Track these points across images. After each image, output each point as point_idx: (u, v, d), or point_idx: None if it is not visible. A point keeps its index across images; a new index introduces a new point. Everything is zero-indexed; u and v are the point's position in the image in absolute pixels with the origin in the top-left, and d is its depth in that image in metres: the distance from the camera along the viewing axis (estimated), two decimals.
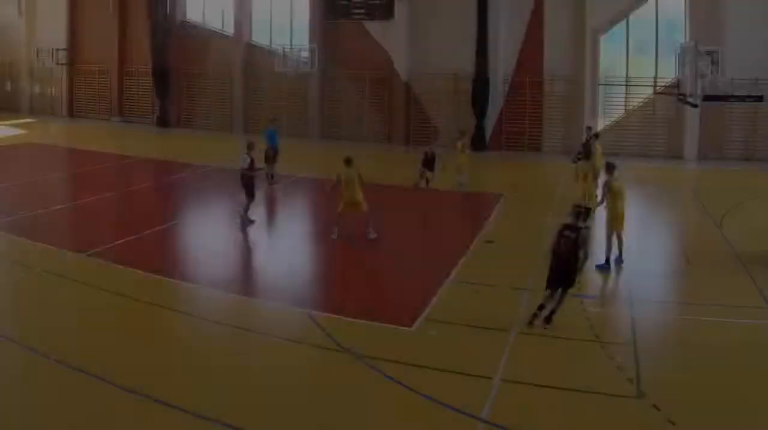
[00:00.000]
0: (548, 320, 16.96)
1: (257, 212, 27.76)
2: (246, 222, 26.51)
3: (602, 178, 24.06)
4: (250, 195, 26.55)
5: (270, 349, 16.06)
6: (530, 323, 16.99)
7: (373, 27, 52.73)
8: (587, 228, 18.36)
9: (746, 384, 14.23)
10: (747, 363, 15.21)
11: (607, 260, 21.75)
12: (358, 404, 13.39)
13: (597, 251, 22.09)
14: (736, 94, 26.05)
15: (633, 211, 25.62)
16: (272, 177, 34.61)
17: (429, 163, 33.22)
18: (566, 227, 17.36)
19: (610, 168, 22.81)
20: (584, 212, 17.82)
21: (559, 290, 17.04)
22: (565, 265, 16.95)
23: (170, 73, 59.89)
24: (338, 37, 53.99)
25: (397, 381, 13.95)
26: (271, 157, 34.64)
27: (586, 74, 47.45)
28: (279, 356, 15.70)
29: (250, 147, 26.86)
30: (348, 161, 24.89)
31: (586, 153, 26.28)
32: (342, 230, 24.57)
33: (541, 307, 17.12)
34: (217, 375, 14.39)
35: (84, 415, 12.66)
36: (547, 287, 17.17)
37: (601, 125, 46.80)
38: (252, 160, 26.53)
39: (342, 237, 24.42)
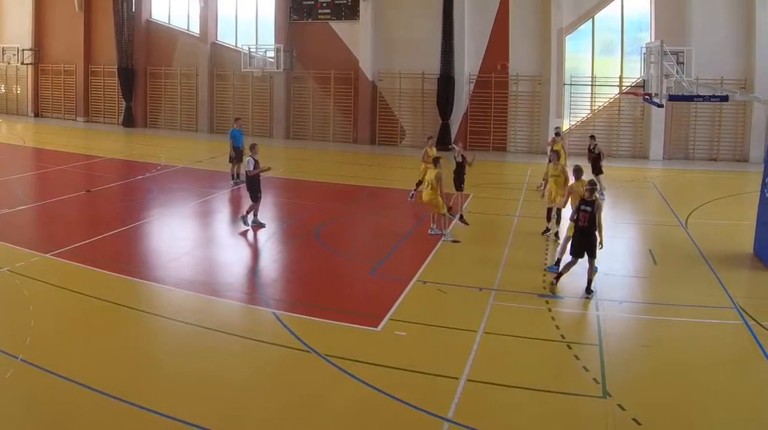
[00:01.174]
0: (588, 290, 18.85)
1: (225, 212, 27.78)
2: (257, 224, 25.69)
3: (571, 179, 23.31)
4: (256, 197, 25.62)
5: (236, 349, 15.62)
6: (551, 292, 18.89)
7: (339, 27, 52.30)
8: (602, 199, 21.25)
9: (711, 384, 14.03)
10: (712, 363, 15.05)
11: (558, 262, 21.21)
12: (324, 404, 13.09)
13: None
14: (701, 94, 25.31)
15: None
16: (237, 176, 34.01)
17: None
18: (583, 202, 18.98)
19: (578, 172, 22.49)
20: (596, 186, 19.86)
21: (586, 257, 18.93)
22: (588, 235, 18.74)
23: (136, 73, 59.11)
24: (304, 37, 53.41)
25: (364, 381, 13.66)
26: (234, 157, 34.37)
27: (552, 74, 46.90)
28: (245, 355, 15.32)
29: (252, 149, 25.88)
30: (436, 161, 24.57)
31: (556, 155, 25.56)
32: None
33: (558, 277, 19.22)
34: (183, 375, 14.08)
35: (51, 415, 12.33)
36: (574, 256, 19.12)
37: (566, 125, 46.65)
38: (256, 162, 25.52)
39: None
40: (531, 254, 23.16)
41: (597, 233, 18.81)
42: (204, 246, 24.64)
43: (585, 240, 18.86)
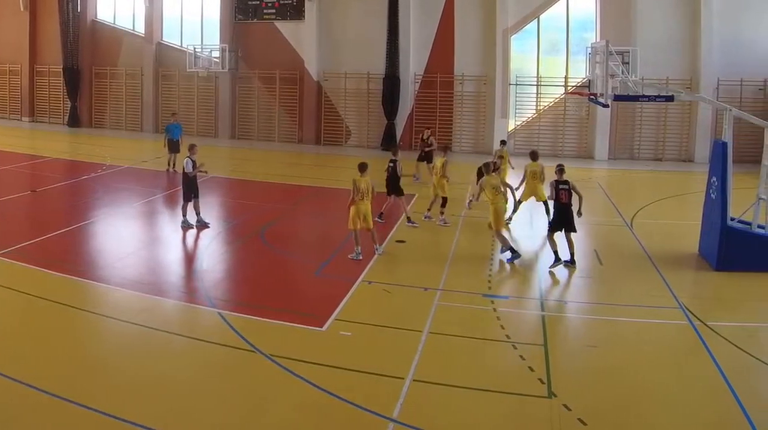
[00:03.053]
0: (572, 261, 21.03)
1: (170, 212, 27.53)
2: (202, 225, 25.39)
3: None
4: (191, 197, 25.41)
5: (181, 349, 15.36)
6: (551, 269, 20.71)
7: (285, 27, 50.91)
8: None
9: (657, 384, 13.79)
10: (657, 363, 14.93)
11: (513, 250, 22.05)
12: (270, 404, 12.87)
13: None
14: (647, 93, 24.46)
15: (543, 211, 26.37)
16: (173, 166, 34.98)
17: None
18: (558, 182, 21.19)
19: (487, 167, 23.46)
20: (564, 167, 21.91)
21: (564, 232, 21.06)
22: (566, 211, 20.99)
23: (81, 73, 57.23)
24: (249, 37, 51.99)
25: (309, 381, 13.47)
26: (171, 149, 35.98)
27: (497, 74, 45.55)
28: (190, 355, 15.03)
29: (191, 150, 25.78)
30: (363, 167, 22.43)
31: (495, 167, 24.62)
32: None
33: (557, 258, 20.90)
34: (128, 375, 13.74)
35: None
36: (553, 231, 21.19)
37: (512, 125, 46.18)
38: (194, 163, 25.29)
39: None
40: (476, 254, 22.84)
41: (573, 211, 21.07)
42: (149, 246, 24.10)
43: (564, 216, 20.93)
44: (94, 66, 57.41)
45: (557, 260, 20.84)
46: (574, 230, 21.09)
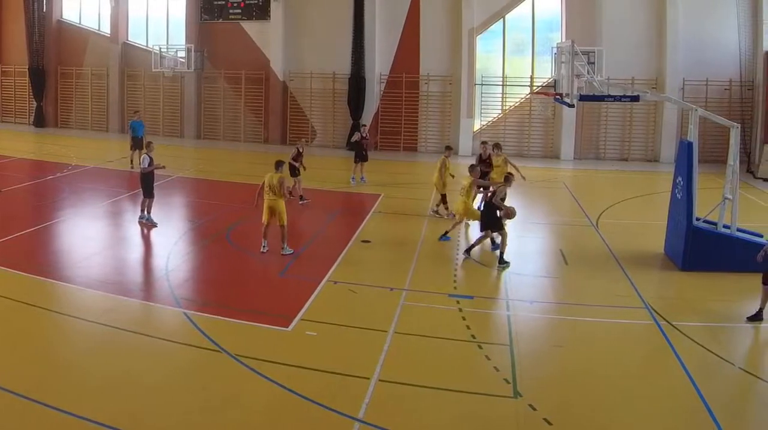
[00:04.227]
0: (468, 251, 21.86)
1: (136, 212, 26.54)
2: (149, 223, 25.30)
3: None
4: (150, 194, 25.33)
5: (147, 348, 15.07)
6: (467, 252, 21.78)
7: (250, 27, 50.25)
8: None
9: (622, 383, 13.83)
10: (623, 363, 14.93)
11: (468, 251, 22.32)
12: (236, 404, 12.64)
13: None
14: (612, 94, 24.14)
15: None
16: (139, 163, 33.70)
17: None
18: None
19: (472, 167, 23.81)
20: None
21: (489, 231, 21.63)
22: (492, 212, 21.36)
23: (47, 73, 56.15)
24: (215, 37, 51.10)
25: (275, 381, 13.35)
26: (133, 145, 36.45)
27: (463, 74, 45.14)
28: (156, 355, 14.80)
29: (148, 147, 25.92)
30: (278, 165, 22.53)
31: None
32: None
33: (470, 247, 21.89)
34: (94, 375, 13.56)
35: None
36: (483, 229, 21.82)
37: (477, 125, 45.82)
38: (151, 159, 25.27)
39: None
40: (442, 254, 22.64)
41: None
42: (115, 246, 23.65)
43: (491, 216, 21.44)
44: (59, 66, 56.34)
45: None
46: (501, 229, 21.39)
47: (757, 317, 16.71)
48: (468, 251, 21.80)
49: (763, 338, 16.61)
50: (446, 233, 23.65)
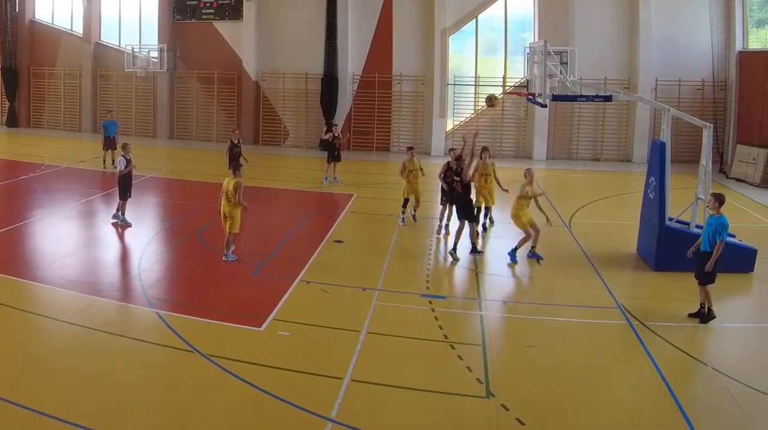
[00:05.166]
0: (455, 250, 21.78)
1: (108, 212, 26.48)
2: (123, 224, 25.22)
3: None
4: (126, 195, 25.30)
5: (119, 348, 14.96)
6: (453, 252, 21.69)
7: (223, 27, 49.72)
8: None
9: (595, 384, 13.92)
10: (596, 363, 14.97)
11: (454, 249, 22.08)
12: (208, 403, 12.67)
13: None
14: (585, 93, 24.07)
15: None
16: (112, 162, 34.60)
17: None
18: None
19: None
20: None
21: (465, 222, 21.69)
22: (466, 202, 21.82)
23: (19, 73, 55.32)
24: (187, 37, 50.46)
25: (247, 381, 13.33)
26: (105, 145, 36.86)
27: (435, 74, 44.88)
28: (128, 355, 14.68)
29: (124, 148, 25.65)
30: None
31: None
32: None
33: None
34: (67, 375, 13.54)
35: None
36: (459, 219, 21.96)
37: (450, 125, 45.60)
38: (128, 161, 25.22)
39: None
40: (414, 254, 22.71)
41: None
42: (87, 246, 23.51)
43: (465, 207, 21.76)
44: (32, 66, 55.59)
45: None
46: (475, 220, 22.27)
47: (699, 315, 17.04)
48: (454, 249, 21.63)
49: (736, 337, 16.67)
50: (533, 248, 22.10)
